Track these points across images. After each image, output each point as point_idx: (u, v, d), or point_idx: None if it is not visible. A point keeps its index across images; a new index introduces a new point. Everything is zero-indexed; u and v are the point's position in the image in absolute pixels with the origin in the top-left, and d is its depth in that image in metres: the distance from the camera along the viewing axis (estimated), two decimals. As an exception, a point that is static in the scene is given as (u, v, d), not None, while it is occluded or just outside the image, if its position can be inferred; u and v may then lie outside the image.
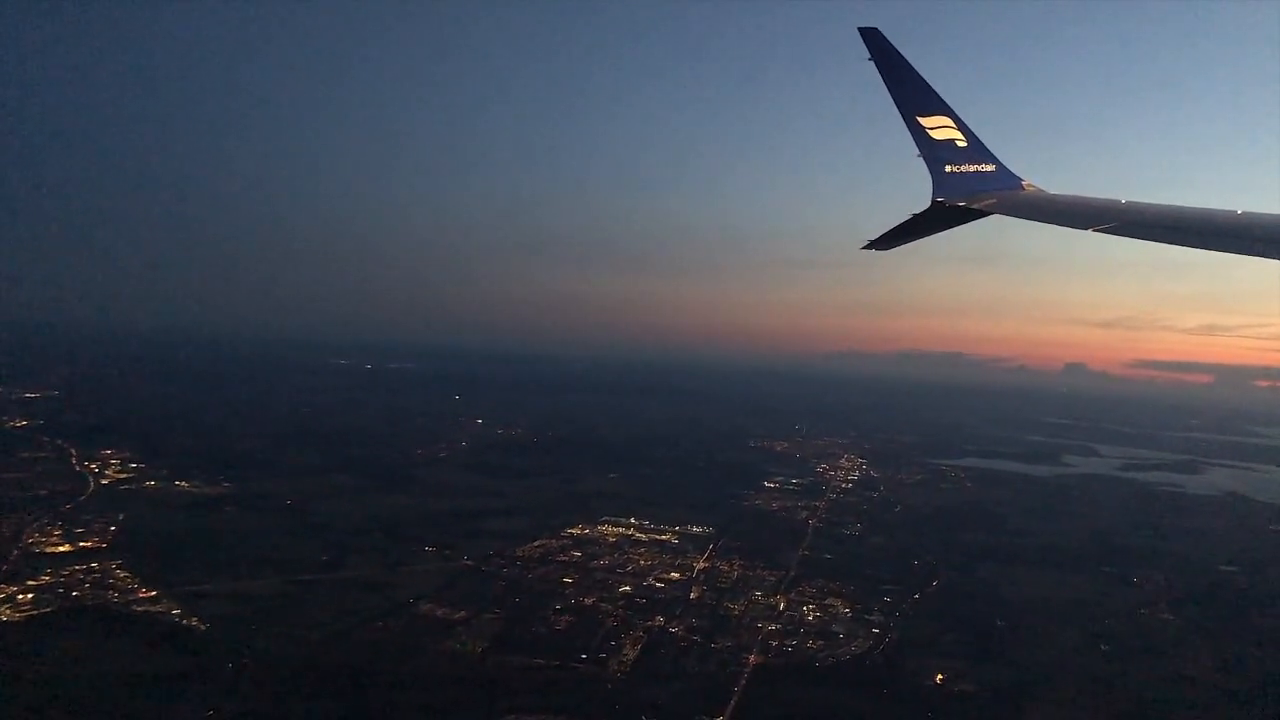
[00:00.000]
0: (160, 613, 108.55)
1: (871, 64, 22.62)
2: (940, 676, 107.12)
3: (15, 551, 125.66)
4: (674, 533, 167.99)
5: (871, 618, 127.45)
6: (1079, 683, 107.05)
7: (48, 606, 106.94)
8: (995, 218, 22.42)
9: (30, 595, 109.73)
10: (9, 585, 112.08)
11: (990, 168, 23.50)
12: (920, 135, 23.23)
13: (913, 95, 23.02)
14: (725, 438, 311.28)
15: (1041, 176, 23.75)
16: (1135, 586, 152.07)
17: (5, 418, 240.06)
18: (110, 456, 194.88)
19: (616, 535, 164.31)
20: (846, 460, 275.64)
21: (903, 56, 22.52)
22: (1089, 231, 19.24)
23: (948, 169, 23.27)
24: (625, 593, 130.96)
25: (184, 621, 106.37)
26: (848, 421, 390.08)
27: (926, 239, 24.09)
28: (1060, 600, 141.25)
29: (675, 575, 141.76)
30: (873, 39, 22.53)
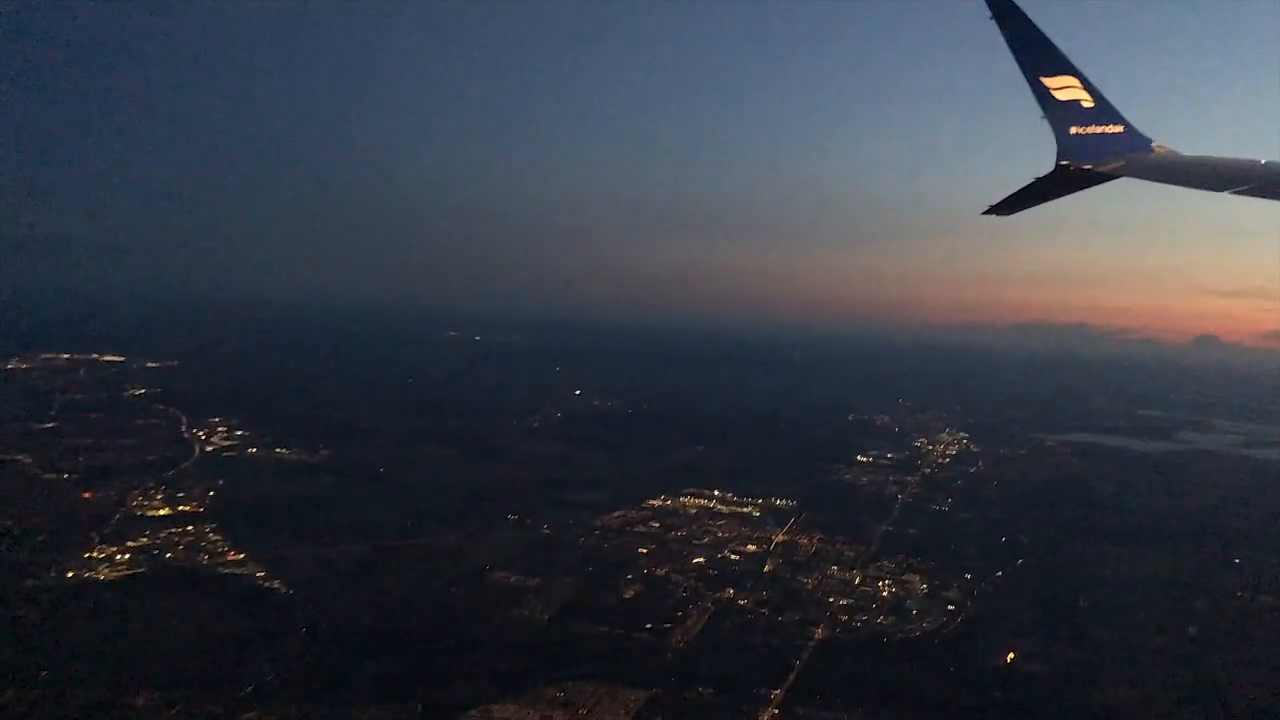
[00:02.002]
0: (245, 575, 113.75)
1: (993, 24, 21.96)
2: (1011, 655, 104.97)
3: (118, 514, 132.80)
4: (756, 505, 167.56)
5: (949, 594, 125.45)
6: (1157, 665, 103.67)
7: (141, 567, 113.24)
8: (1123, 181, 21.78)
9: (127, 556, 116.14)
10: (109, 546, 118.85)
11: (1118, 129, 22.75)
12: (1044, 96, 22.57)
13: (1037, 55, 22.36)
14: (824, 410, 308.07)
15: (1173, 138, 23.08)
16: (1236, 569, 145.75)
17: (127, 386, 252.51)
18: (218, 424, 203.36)
19: (698, 507, 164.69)
20: (948, 434, 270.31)
21: (1026, 15, 21.93)
22: (1225, 194, 18.53)
23: (1073, 131, 22.55)
24: (699, 564, 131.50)
25: (266, 584, 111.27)
26: (956, 395, 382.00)
27: (1050, 204, 23.30)
28: (1152, 580, 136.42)
29: (752, 548, 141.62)
30: None
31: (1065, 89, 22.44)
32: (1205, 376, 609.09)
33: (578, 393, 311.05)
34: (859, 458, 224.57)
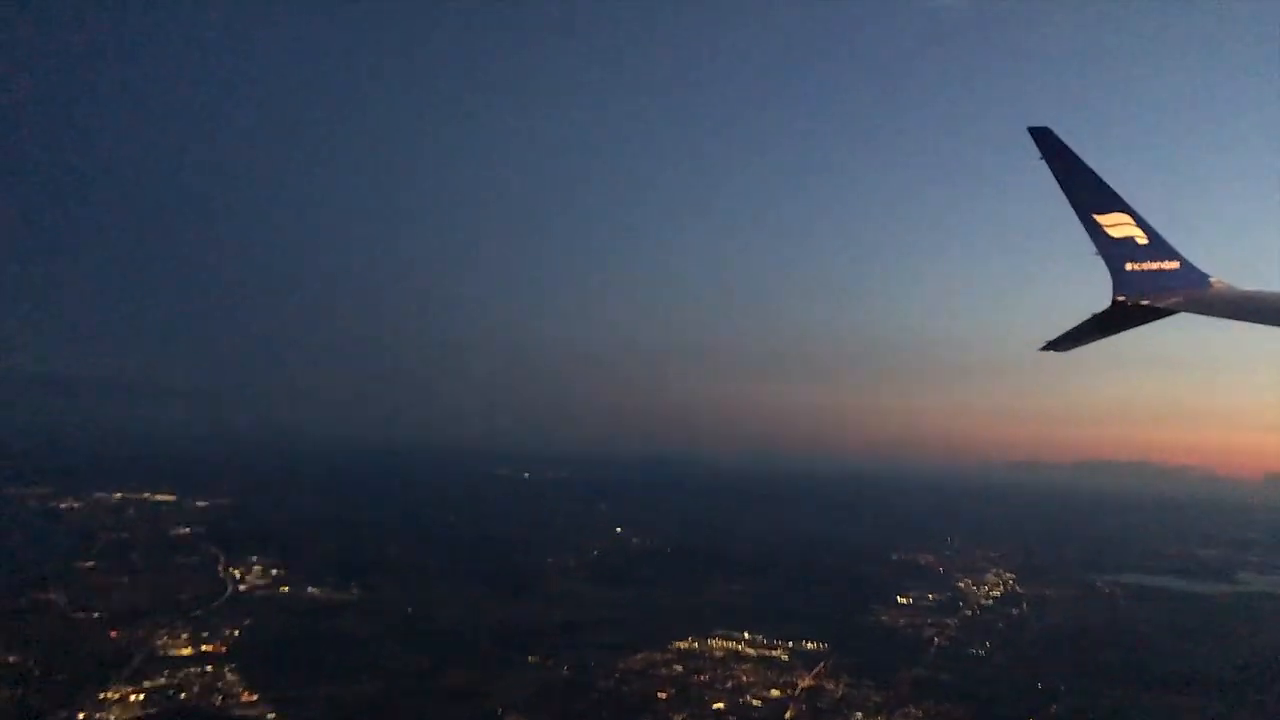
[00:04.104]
0: (255, 716, 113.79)
1: (1042, 162, 22.65)
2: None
3: (141, 654, 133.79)
4: (786, 648, 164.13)
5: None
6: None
7: (154, 708, 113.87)
8: (1183, 317, 22.11)
9: (142, 696, 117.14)
10: (127, 686, 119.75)
11: (1174, 265, 22.98)
12: (1097, 233, 22.98)
13: (1088, 193, 22.85)
14: (868, 549, 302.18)
15: (1232, 273, 23.25)
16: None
17: (173, 525, 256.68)
18: (255, 563, 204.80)
19: (724, 650, 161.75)
20: (993, 575, 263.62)
21: (1075, 154, 22.58)
22: None
23: (1128, 267, 22.91)
24: (717, 710, 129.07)
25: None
26: (1005, 534, 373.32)
27: (1108, 340, 23.87)
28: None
29: (775, 693, 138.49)
30: (1044, 138, 22.65)
31: (1118, 226, 22.84)
32: (1273, 516, 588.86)
33: (618, 530, 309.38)
34: (898, 598, 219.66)
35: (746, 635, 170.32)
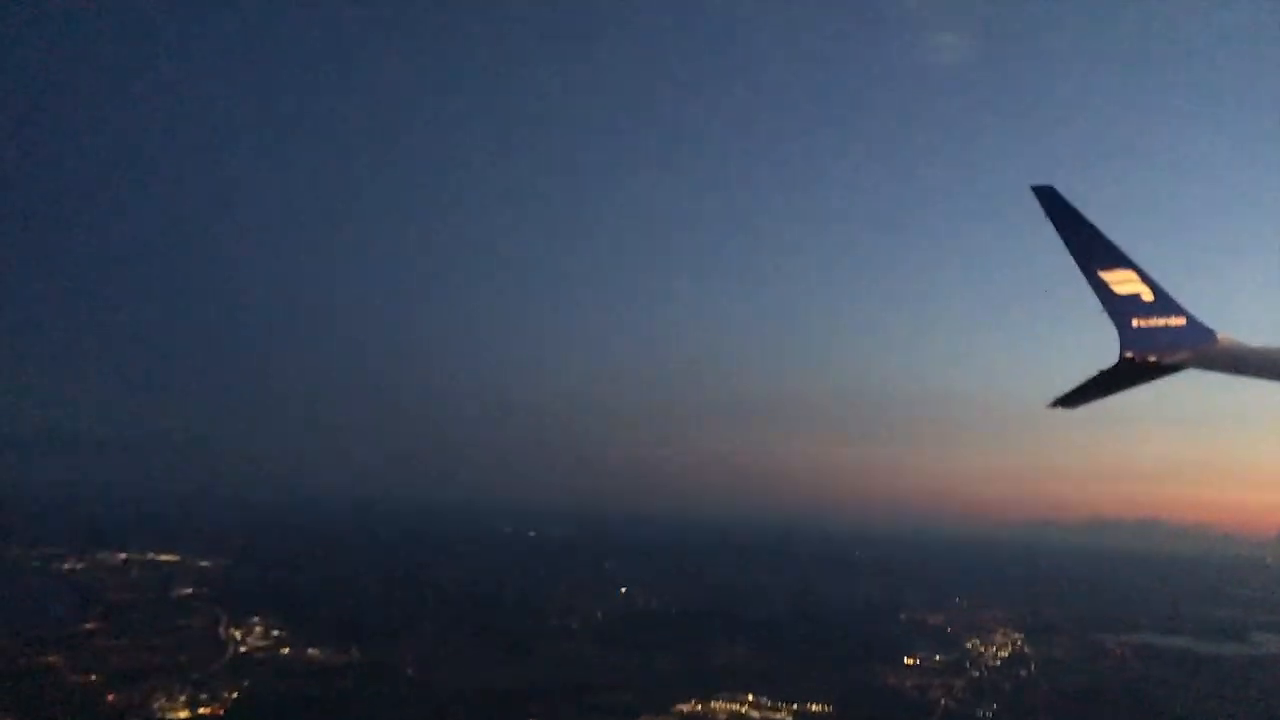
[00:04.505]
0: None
1: (1048, 221, 22.91)
2: None
3: (137, 717, 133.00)
4: (790, 711, 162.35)
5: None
6: None
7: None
8: (1192, 373, 22.12)
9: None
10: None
11: (1180, 321, 23.06)
12: (1103, 290, 23.17)
13: (1093, 251, 23.03)
14: (875, 609, 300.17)
15: (1239, 329, 23.35)
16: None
17: (175, 586, 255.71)
18: (256, 624, 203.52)
19: (728, 712, 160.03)
20: (1001, 635, 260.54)
21: (1079, 212, 22.79)
22: None
23: (1135, 324, 23.05)
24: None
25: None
26: (1015, 593, 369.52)
27: (1116, 396, 23.84)
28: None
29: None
30: (1048, 197, 22.91)
31: (1124, 283, 23.05)
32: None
33: (622, 590, 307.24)
34: (905, 659, 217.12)
35: (750, 697, 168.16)
